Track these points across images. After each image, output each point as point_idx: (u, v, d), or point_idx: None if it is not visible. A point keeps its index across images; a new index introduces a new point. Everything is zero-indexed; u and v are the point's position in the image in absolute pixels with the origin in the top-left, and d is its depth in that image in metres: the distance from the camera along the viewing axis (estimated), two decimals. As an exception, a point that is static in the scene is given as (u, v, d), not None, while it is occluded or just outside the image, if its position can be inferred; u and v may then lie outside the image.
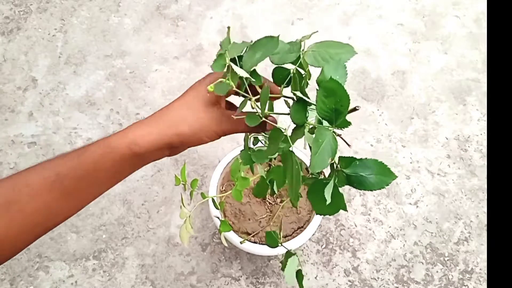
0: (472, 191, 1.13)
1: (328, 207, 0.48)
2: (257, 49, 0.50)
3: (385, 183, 0.47)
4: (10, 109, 1.23)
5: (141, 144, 0.47)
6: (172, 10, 1.39)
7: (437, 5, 1.42)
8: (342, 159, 0.48)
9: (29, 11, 1.39)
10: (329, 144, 0.44)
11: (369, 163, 0.47)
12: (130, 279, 1.02)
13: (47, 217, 0.46)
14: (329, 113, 0.44)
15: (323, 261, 1.04)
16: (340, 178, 0.48)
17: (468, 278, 1.03)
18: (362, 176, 0.47)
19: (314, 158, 0.43)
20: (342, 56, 0.48)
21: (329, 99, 0.43)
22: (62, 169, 0.45)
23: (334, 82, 0.43)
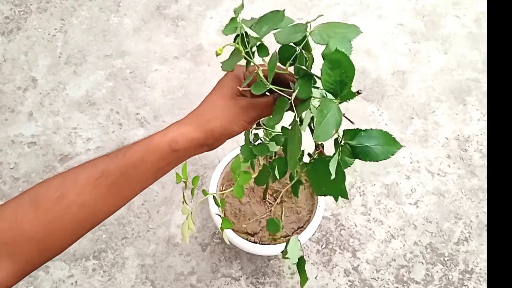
0: (472, 191, 1.13)
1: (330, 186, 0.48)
2: (263, 23, 0.51)
3: (391, 153, 0.48)
4: (10, 109, 1.23)
5: (180, 142, 0.51)
6: (172, 10, 1.39)
7: (437, 5, 1.42)
8: (347, 132, 0.48)
9: (29, 11, 1.39)
10: (334, 116, 0.44)
11: (374, 133, 0.48)
12: (130, 279, 1.02)
13: (93, 212, 0.49)
14: (334, 85, 0.44)
15: (323, 261, 1.04)
16: (344, 152, 0.48)
17: (468, 278, 1.03)
18: (367, 146, 0.48)
19: (319, 129, 0.43)
20: (347, 35, 0.48)
21: (334, 71, 0.44)
22: (107, 166, 0.49)
23: (339, 54, 0.43)
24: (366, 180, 1.13)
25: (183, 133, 0.51)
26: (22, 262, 0.46)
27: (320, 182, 0.50)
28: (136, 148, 0.50)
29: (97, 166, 0.49)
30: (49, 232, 0.47)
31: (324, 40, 0.48)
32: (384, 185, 1.13)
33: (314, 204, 0.97)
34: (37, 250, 0.47)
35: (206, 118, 0.52)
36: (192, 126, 0.51)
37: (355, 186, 1.12)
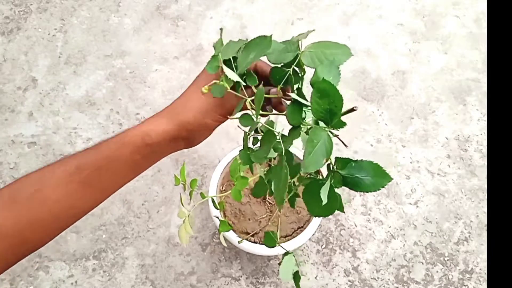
0: (472, 191, 1.13)
1: (323, 208, 0.48)
2: (251, 49, 0.50)
3: (381, 185, 0.47)
4: (10, 109, 1.23)
5: (152, 135, 0.50)
6: (172, 10, 1.39)
7: (437, 5, 1.42)
8: (338, 160, 0.48)
9: (29, 11, 1.39)
10: (324, 145, 0.44)
11: (364, 165, 0.47)
12: (130, 279, 1.02)
13: (69, 207, 0.49)
14: (324, 114, 0.44)
15: (323, 261, 1.04)
16: (336, 179, 0.48)
17: (468, 278, 1.03)
18: (357, 177, 0.47)
19: (308, 159, 0.43)
20: (338, 57, 0.48)
21: (323, 100, 0.43)
22: (80, 161, 0.49)
23: (326, 83, 0.43)
24: (366, 180, 1.13)
25: (155, 126, 0.51)
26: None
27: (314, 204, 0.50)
28: (109, 143, 0.50)
29: (72, 162, 0.49)
30: (24, 227, 0.47)
31: (315, 64, 0.48)
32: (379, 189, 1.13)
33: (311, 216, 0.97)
34: (10, 246, 0.46)
35: (178, 110, 0.52)
36: (165, 119, 0.51)
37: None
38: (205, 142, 0.59)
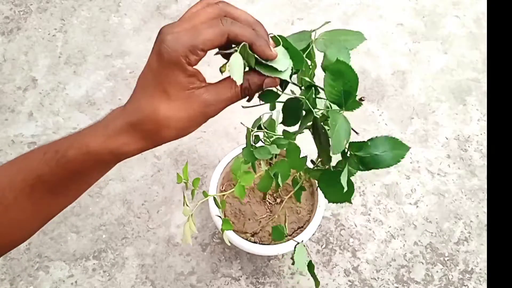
0: (472, 191, 1.13)
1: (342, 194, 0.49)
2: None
3: (401, 156, 0.48)
4: (10, 109, 1.23)
5: (126, 151, 0.45)
6: (172, 10, 1.39)
7: (437, 5, 1.42)
8: (353, 144, 0.48)
9: (29, 11, 1.39)
10: (343, 127, 0.44)
11: (380, 141, 0.48)
12: (130, 279, 1.02)
13: (36, 214, 0.47)
14: (338, 96, 0.44)
15: (323, 261, 1.04)
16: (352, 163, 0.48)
17: (468, 278, 1.03)
18: (376, 155, 0.48)
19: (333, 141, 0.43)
20: (352, 42, 0.48)
21: (337, 82, 0.44)
22: (42, 172, 0.45)
23: (341, 64, 0.43)
24: (366, 180, 1.13)
25: (124, 145, 0.44)
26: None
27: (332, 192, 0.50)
28: (70, 156, 0.44)
29: (32, 169, 0.45)
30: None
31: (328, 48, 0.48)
32: (384, 185, 1.13)
33: (314, 204, 0.97)
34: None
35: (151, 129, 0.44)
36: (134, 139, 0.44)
37: (355, 186, 1.12)
38: (205, 142, 0.59)
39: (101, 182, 1.12)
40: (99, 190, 1.11)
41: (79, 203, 1.10)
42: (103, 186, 1.12)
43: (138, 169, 1.14)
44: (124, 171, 1.14)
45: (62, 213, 1.14)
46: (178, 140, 0.47)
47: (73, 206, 1.09)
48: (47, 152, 0.45)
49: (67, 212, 1.09)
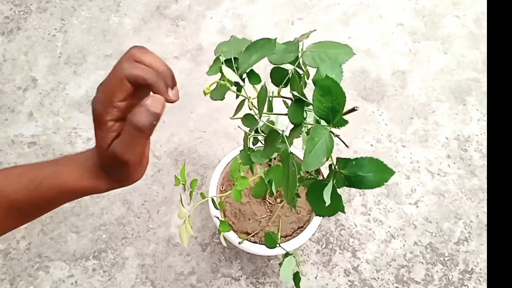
0: (472, 191, 1.13)
1: (327, 209, 0.48)
2: (253, 51, 0.49)
3: (384, 180, 0.47)
4: (10, 109, 1.23)
5: (98, 189, 0.48)
6: (172, 10, 1.39)
7: (437, 5, 1.42)
8: (340, 160, 0.48)
9: (29, 11, 1.39)
10: (325, 143, 0.44)
11: (365, 162, 0.47)
12: (130, 279, 1.02)
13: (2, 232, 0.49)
14: (326, 112, 0.44)
15: (323, 261, 1.04)
16: (338, 179, 0.48)
17: (468, 278, 1.03)
18: (360, 175, 0.47)
19: (309, 157, 0.43)
20: (340, 57, 0.47)
21: (326, 98, 0.43)
22: (17, 197, 0.47)
23: (329, 80, 0.43)
24: (366, 180, 1.13)
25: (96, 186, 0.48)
26: None
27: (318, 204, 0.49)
28: (47, 186, 0.47)
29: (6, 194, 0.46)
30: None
31: (316, 63, 0.47)
32: (384, 185, 1.13)
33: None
34: None
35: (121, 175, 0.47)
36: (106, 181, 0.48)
37: (355, 186, 1.12)
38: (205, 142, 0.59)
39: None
40: (99, 190, 1.11)
41: (79, 203, 1.10)
42: (103, 186, 1.12)
43: (138, 169, 1.14)
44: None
45: (62, 213, 1.14)
46: (178, 140, 0.48)
47: (73, 206, 1.09)
48: (22, 176, 0.47)
49: (67, 212, 1.09)
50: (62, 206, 0.51)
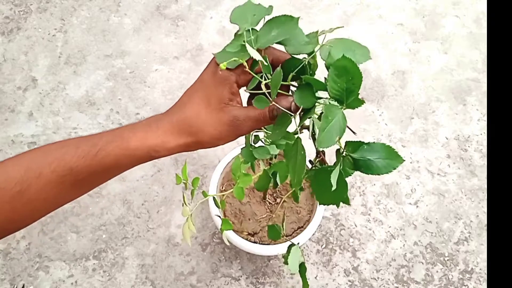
0: (472, 191, 1.13)
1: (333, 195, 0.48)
2: (274, 25, 0.49)
3: (393, 167, 0.47)
4: (10, 109, 1.23)
5: (161, 151, 0.48)
6: (172, 10, 1.39)
7: (437, 5, 1.42)
8: (349, 143, 0.47)
9: (29, 11, 1.39)
10: (338, 122, 0.44)
11: (376, 147, 0.47)
12: (130, 279, 1.02)
13: (53, 205, 0.48)
14: (340, 92, 0.44)
15: (323, 261, 1.04)
16: (346, 163, 0.48)
17: (468, 278, 1.03)
18: (369, 160, 0.47)
19: (322, 135, 0.43)
20: (357, 57, 0.47)
21: (341, 78, 0.43)
22: (76, 165, 0.46)
23: (346, 60, 0.43)
24: (366, 180, 1.13)
25: (164, 142, 0.47)
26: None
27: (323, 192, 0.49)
28: (110, 150, 0.47)
29: (65, 161, 0.46)
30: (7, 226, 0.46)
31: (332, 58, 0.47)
32: (384, 185, 1.13)
33: (314, 204, 0.97)
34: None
35: (191, 130, 0.48)
36: (175, 136, 0.48)
37: (355, 186, 1.12)
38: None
39: (101, 182, 1.12)
40: (99, 190, 1.11)
41: (79, 203, 1.10)
42: (103, 186, 1.12)
43: (138, 169, 1.14)
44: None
45: (62, 213, 1.14)
46: None
47: (73, 206, 1.09)
48: (79, 146, 0.47)
49: (67, 212, 1.09)
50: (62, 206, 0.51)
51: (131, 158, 0.47)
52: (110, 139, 0.47)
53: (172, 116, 0.49)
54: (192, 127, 0.48)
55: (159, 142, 0.47)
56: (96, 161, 0.47)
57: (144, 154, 0.48)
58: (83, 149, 0.47)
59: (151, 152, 0.48)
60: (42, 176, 0.45)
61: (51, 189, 0.46)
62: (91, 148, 0.47)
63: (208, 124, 0.48)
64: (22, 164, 0.47)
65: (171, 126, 0.48)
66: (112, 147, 0.47)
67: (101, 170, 0.47)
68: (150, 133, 0.48)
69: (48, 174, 0.46)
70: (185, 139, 0.48)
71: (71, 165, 0.46)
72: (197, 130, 0.48)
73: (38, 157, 0.47)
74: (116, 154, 0.47)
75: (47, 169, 0.46)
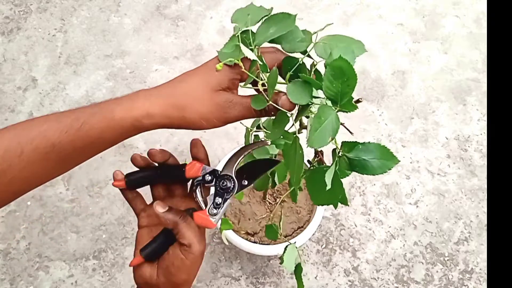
0: (472, 191, 1.13)
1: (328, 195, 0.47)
2: (272, 23, 0.50)
3: (388, 167, 0.47)
4: (10, 109, 1.23)
5: (145, 122, 0.47)
6: (172, 10, 1.39)
7: (437, 5, 1.41)
8: (345, 143, 0.47)
9: (29, 11, 1.39)
10: (331, 123, 0.44)
11: (372, 147, 0.47)
12: (130, 279, 1.02)
13: (37, 183, 0.47)
14: (335, 93, 0.44)
15: (323, 261, 1.04)
16: (342, 163, 0.48)
17: (468, 278, 1.03)
18: (364, 160, 0.47)
19: (314, 135, 0.43)
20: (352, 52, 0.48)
21: (336, 78, 0.43)
22: (59, 140, 0.45)
23: (342, 61, 0.43)
24: (366, 180, 1.13)
25: (150, 114, 0.46)
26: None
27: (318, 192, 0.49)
28: (94, 123, 0.45)
29: (47, 138, 0.44)
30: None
31: (327, 54, 0.47)
32: (384, 185, 1.13)
33: (314, 204, 0.97)
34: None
35: (182, 103, 0.47)
36: (162, 108, 0.47)
37: (355, 186, 1.12)
38: (205, 142, 0.59)
39: (101, 182, 1.12)
40: (99, 190, 1.11)
41: (79, 203, 1.10)
42: (103, 186, 1.12)
43: (138, 169, 1.14)
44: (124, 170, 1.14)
45: (62, 213, 1.14)
46: (178, 140, 0.48)
47: (73, 206, 1.09)
48: (61, 120, 0.45)
49: (67, 212, 1.09)
50: (62, 206, 0.51)
51: (115, 130, 0.46)
52: (94, 111, 0.46)
53: (163, 90, 0.48)
54: (180, 101, 0.47)
55: (144, 113, 0.46)
56: (80, 135, 0.45)
57: (129, 126, 0.46)
58: (65, 123, 0.45)
59: (135, 123, 0.46)
60: (24, 155, 0.44)
61: (34, 167, 0.45)
62: (73, 122, 0.45)
63: (199, 101, 0.47)
64: (1, 143, 0.44)
65: (160, 99, 0.47)
66: (96, 120, 0.45)
67: (85, 144, 0.46)
68: (136, 103, 0.47)
69: (30, 152, 0.44)
70: (170, 112, 0.47)
71: (53, 141, 0.44)
72: (186, 105, 0.47)
73: (18, 135, 0.45)
74: (101, 126, 0.45)
75: (28, 146, 0.44)
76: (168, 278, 0.49)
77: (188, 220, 0.50)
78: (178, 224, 0.49)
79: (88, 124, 0.45)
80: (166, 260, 0.49)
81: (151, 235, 0.52)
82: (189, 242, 0.48)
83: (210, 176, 0.53)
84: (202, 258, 0.50)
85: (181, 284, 0.50)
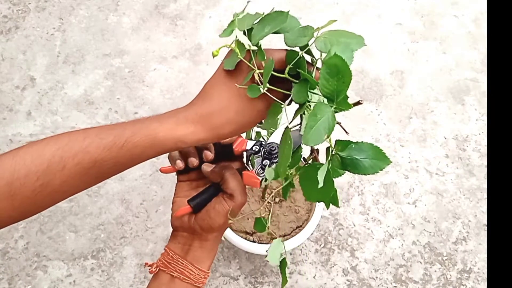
0: (471, 190, 1.13)
1: (319, 192, 0.48)
2: (266, 23, 0.51)
3: (379, 168, 0.48)
4: (8, 108, 1.22)
5: (187, 142, 0.49)
6: (171, 9, 1.39)
7: (436, 4, 1.42)
8: (339, 142, 0.48)
9: (28, 10, 1.39)
10: (327, 121, 0.44)
11: (364, 147, 0.48)
12: (129, 279, 1.02)
13: (73, 194, 0.49)
14: (331, 91, 0.44)
15: (322, 261, 1.04)
16: (335, 162, 0.48)
17: (466, 278, 1.03)
18: (357, 159, 0.47)
19: (309, 133, 0.43)
20: (351, 46, 0.48)
21: (332, 76, 0.44)
22: (101, 157, 0.46)
23: (338, 59, 0.43)
24: (365, 179, 1.13)
25: (192, 133, 0.48)
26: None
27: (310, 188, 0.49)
28: (137, 141, 0.47)
29: (90, 154, 0.46)
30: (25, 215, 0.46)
31: (327, 48, 0.48)
32: (382, 185, 1.13)
33: (312, 204, 0.97)
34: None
35: (215, 120, 0.49)
36: (203, 127, 0.49)
37: (353, 186, 1.13)
38: (205, 141, 0.59)
39: (99, 181, 1.12)
40: (98, 189, 1.11)
41: (78, 202, 1.10)
42: (102, 185, 1.12)
43: (136, 168, 1.14)
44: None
45: (61, 212, 1.14)
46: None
47: (72, 206, 1.09)
48: (103, 137, 0.47)
49: (66, 211, 1.08)
50: (60, 205, 0.51)
51: (158, 148, 0.48)
52: (136, 130, 0.47)
53: (200, 108, 0.50)
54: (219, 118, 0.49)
55: (187, 132, 0.48)
56: (122, 153, 0.47)
57: (171, 145, 0.48)
58: (107, 140, 0.46)
59: (178, 143, 0.48)
60: (66, 169, 0.45)
61: (75, 181, 0.46)
62: (116, 139, 0.47)
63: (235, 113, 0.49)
64: (43, 157, 0.45)
65: (201, 118, 0.49)
66: (138, 138, 0.47)
67: (127, 161, 0.48)
68: (181, 124, 0.48)
69: (72, 167, 0.45)
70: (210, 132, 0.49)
71: (95, 157, 0.46)
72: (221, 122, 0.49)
73: (61, 149, 0.46)
74: (143, 145, 0.47)
75: (71, 162, 0.45)
76: (206, 221, 0.54)
77: (234, 173, 0.55)
78: (224, 174, 0.54)
79: (130, 143, 0.47)
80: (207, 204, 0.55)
81: (191, 186, 0.60)
82: (232, 191, 0.54)
83: (257, 146, 0.60)
84: (239, 210, 0.56)
85: (215, 229, 0.55)
